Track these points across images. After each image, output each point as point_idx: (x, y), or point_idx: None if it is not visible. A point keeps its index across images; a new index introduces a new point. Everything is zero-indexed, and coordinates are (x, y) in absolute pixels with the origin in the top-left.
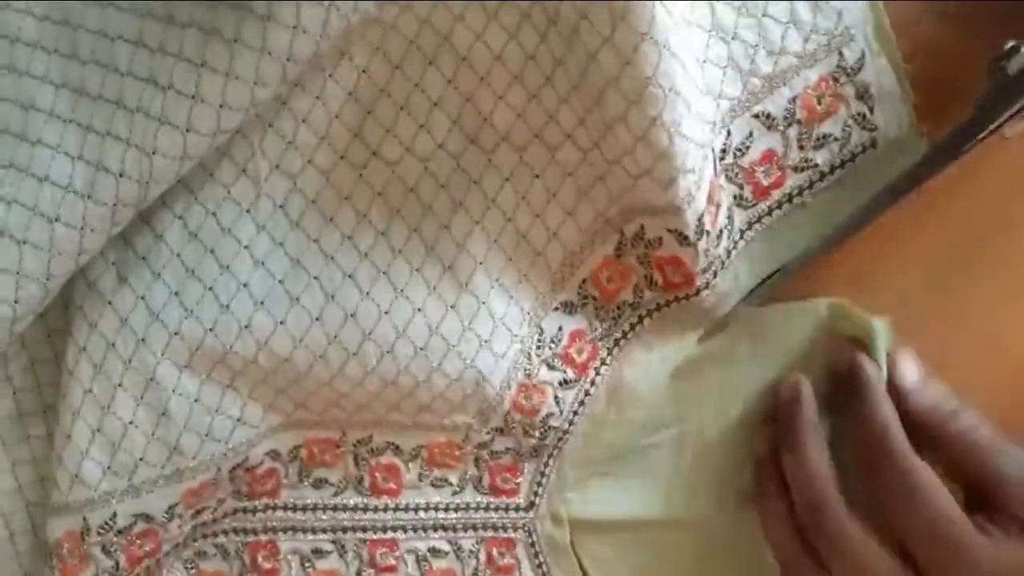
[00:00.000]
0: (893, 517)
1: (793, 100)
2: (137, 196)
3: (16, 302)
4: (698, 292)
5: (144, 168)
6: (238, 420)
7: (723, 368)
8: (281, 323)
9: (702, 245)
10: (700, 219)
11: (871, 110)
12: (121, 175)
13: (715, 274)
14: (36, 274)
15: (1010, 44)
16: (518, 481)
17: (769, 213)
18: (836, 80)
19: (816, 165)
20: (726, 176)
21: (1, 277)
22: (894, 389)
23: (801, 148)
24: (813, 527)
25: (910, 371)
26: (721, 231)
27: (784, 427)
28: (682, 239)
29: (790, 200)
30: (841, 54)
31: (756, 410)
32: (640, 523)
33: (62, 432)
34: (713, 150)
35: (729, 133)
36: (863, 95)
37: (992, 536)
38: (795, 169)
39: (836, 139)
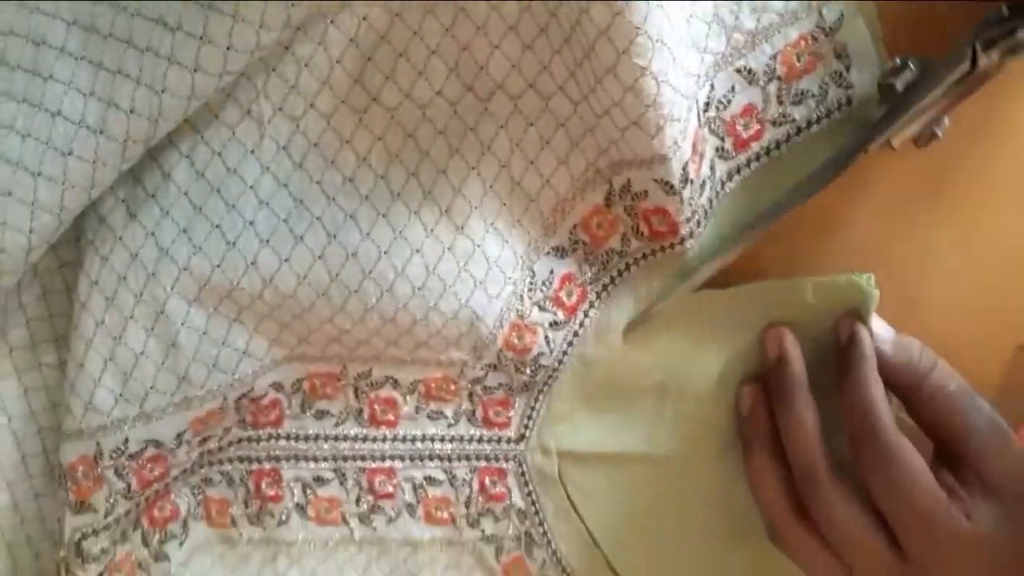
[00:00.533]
0: (873, 489)
1: (774, 57)
2: (147, 133)
3: (31, 232)
4: (683, 241)
5: (154, 106)
6: (244, 352)
7: (705, 327)
8: (286, 261)
9: (686, 193)
10: (685, 167)
11: (847, 69)
12: (132, 112)
13: (699, 223)
14: (50, 206)
15: (898, 61)
16: (510, 415)
17: (748, 165)
18: (815, 39)
19: (794, 120)
20: (708, 128)
21: (17, 207)
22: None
23: (780, 103)
24: (802, 483)
25: (883, 331)
26: (704, 181)
27: (775, 382)
28: (668, 188)
29: (768, 153)
30: (821, 14)
31: (737, 369)
32: (623, 458)
33: (74, 361)
34: (697, 102)
35: (712, 87)
36: (840, 54)
37: (961, 500)
38: (774, 123)
39: (813, 95)
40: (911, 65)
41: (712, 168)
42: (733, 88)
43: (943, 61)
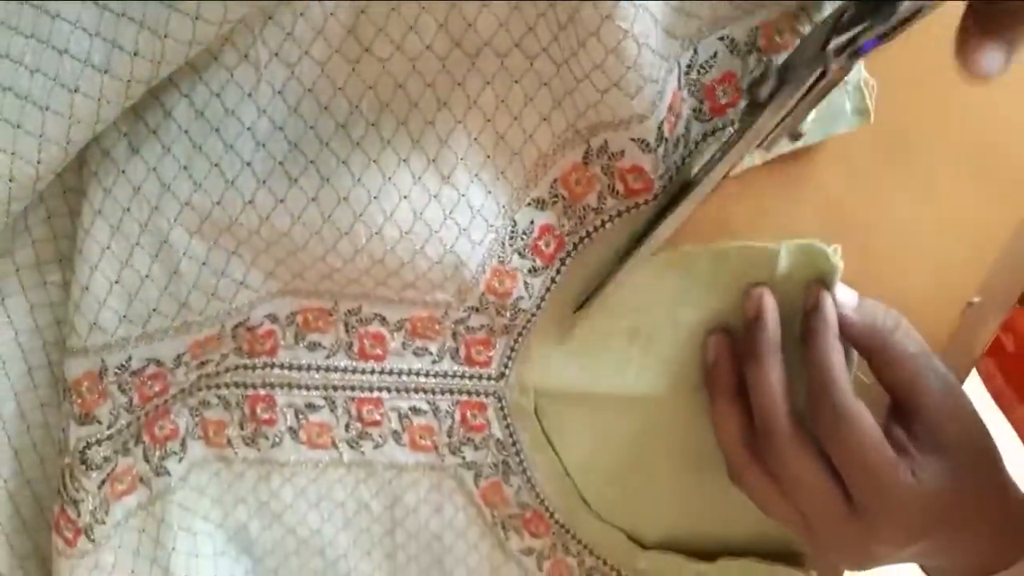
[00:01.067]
0: (827, 446)
1: (755, 30)
2: (149, 74)
3: (39, 163)
4: (655, 197)
5: (156, 50)
6: (241, 283)
7: (681, 278)
8: (281, 201)
9: (660, 151)
10: (660, 126)
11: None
12: (135, 54)
13: (670, 179)
14: (57, 139)
15: (759, 72)
16: (491, 354)
17: (723, 128)
18: (796, 17)
19: None
20: (688, 90)
21: (26, 139)
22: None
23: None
24: (764, 437)
25: (847, 298)
26: (678, 139)
27: (749, 339)
28: (644, 146)
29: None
30: None
31: (707, 319)
32: (595, 396)
33: (79, 284)
34: (679, 64)
35: (696, 51)
36: None
37: (911, 457)
38: None
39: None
40: (771, 74)
41: (688, 128)
42: (715, 55)
43: (798, 68)
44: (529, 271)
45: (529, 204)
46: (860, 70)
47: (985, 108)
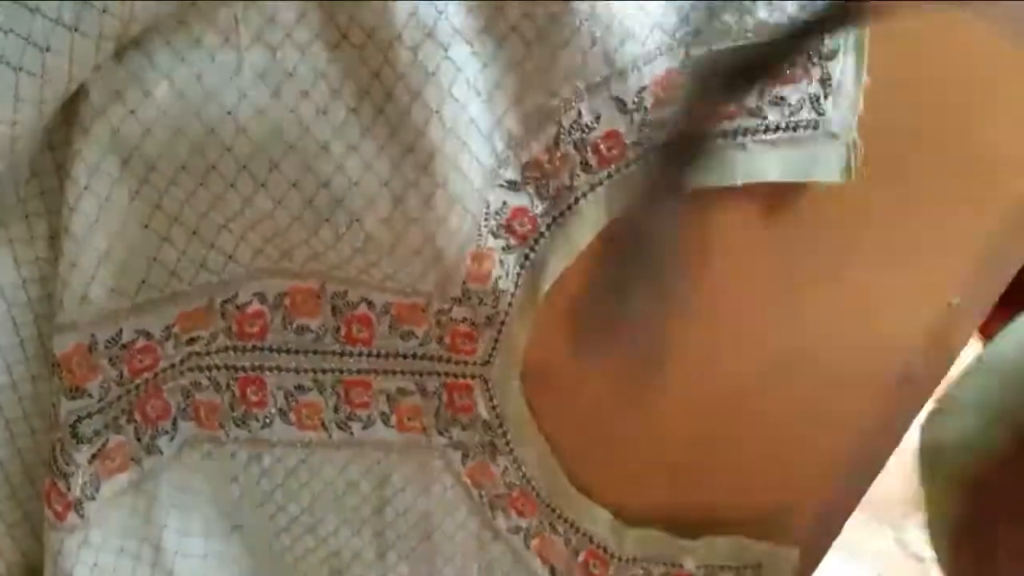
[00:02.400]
0: None
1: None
2: (118, 32)
3: (14, 123)
4: (628, 165)
5: (125, 9)
6: (229, 257)
7: None
8: (262, 185)
9: (637, 117)
10: (641, 91)
11: (825, 96)
12: (104, 12)
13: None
14: (31, 99)
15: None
16: (475, 345)
17: (723, 137)
18: (809, 57)
19: (765, 117)
20: None
21: (1, 101)
22: None
23: (760, 96)
24: None
25: None
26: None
27: None
28: (621, 106)
29: (734, 136)
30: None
31: None
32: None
33: (67, 260)
34: (687, 51)
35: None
36: (824, 80)
37: None
38: (749, 112)
39: (788, 105)
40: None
41: None
42: None
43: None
44: (503, 249)
45: (502, 185)
46: (852, 130)
47: (970, 113)
